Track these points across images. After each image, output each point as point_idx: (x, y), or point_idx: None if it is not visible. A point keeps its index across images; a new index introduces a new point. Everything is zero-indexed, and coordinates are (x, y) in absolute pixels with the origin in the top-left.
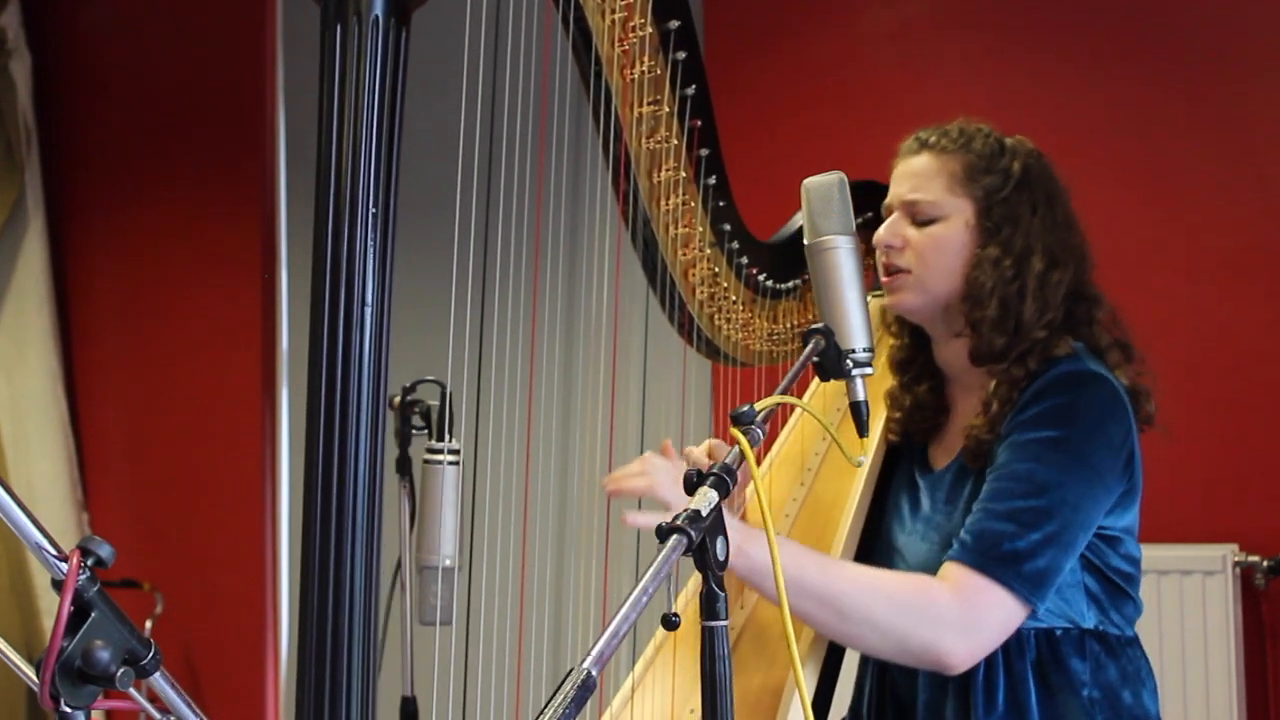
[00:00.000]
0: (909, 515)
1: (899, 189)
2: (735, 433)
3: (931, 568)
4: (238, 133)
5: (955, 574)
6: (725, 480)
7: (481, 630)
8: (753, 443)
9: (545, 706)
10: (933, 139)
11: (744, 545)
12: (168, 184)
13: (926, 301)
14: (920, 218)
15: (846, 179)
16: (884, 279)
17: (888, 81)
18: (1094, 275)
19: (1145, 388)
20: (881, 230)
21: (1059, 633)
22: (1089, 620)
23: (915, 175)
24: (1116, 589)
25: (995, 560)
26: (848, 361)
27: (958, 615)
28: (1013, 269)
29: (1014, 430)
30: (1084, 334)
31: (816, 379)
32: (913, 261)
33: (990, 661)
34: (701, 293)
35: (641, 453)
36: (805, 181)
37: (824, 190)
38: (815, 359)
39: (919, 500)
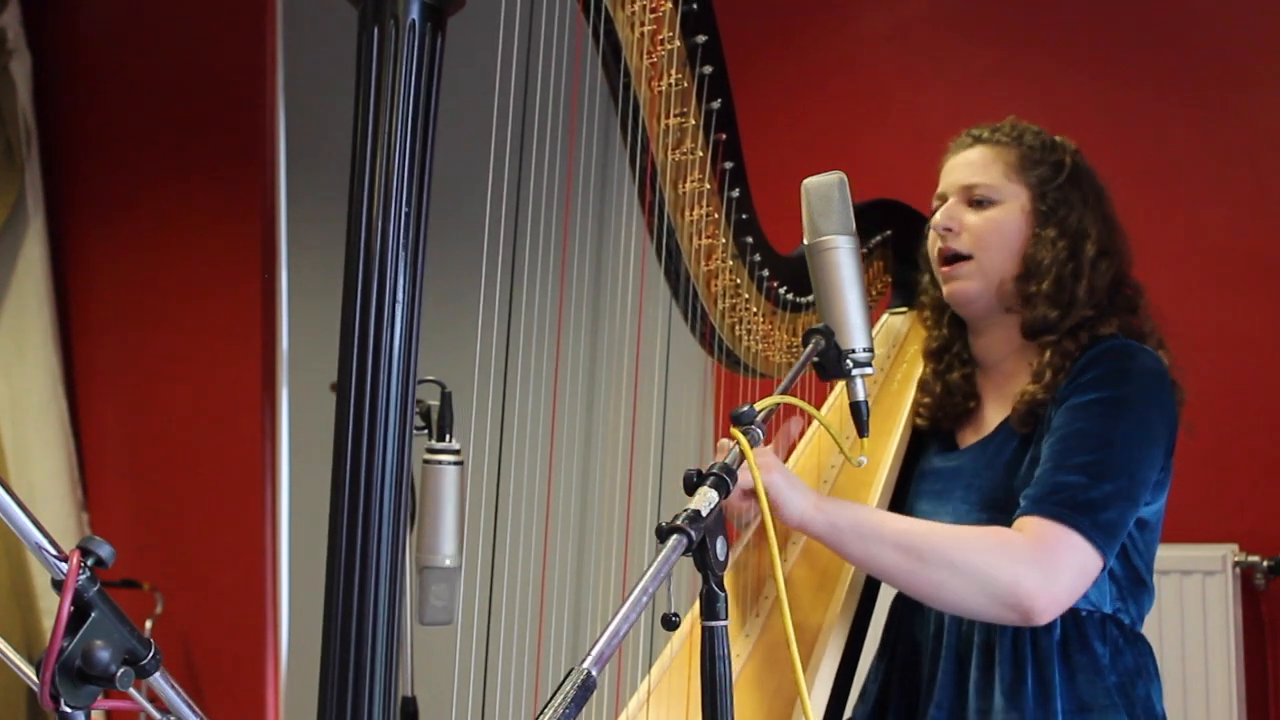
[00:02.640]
0: (943, 486)
1: (955, 176)
2: (735, 432)
3: (969, 524)
4: (238, 132)
5: (1031, 525)
6: (725, 480)
7: (489, 631)
8: (753, 443)
9: (545, 706)
10: (985, 134)
11: (820, 503)
12: (168, 184)
13: (985, 288)
14: (978, 199)
15: (846, 179)
16: (942, 268)
17: (890, 90)
18: (1133, 271)
19: (1176, 380)
20: (938, 215)
21: (1084, 614)
22: (1109, 605)
23: (971, 164)
24: (1137, 578)
25: (1071, 508)
26: (848, 361)
27: (1036, 557)
28: (1068, 250)
29: (1070, 394)
30: (1126, 321)
31: (835, 389)
32: (971, 245)
33: (1018, 639)
34: (723, 303)
35: (661, 458)
36: (805, 181)
37: (824, 190)
38: (815, 359)
39: (952, 471)
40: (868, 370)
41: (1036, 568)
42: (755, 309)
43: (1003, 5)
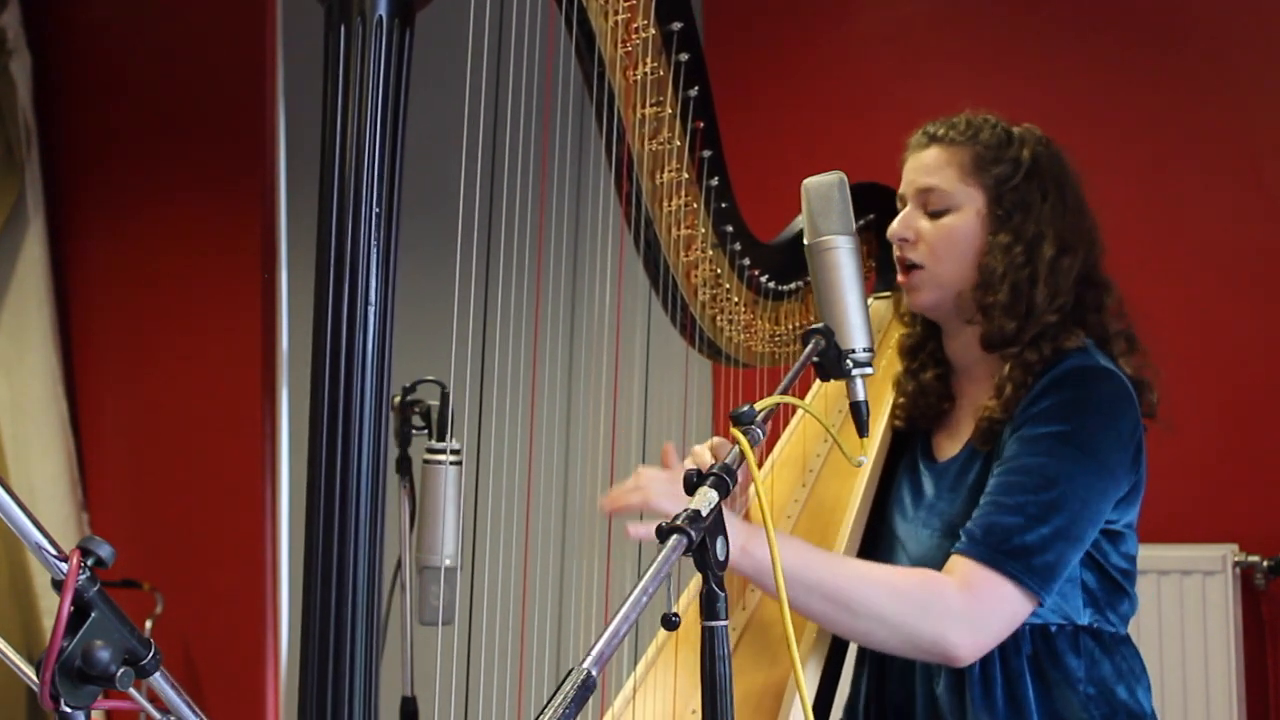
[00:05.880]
0: (911, 504)
1: (911, 180)
2: (735, 432)
3: (934, 555)
4: (238, 133)
5: (963, 568)
6: (725, 480)
7: (484, 630)
8: (753, 443)
9: (545, 706)
10: (940, 131)
11: (748, 545)
12: (168, 184)
13: (942, 296)
14: (933, 208)
15: (846, 179)
16: (900, 277)
17: (887, 82)
18: (1104, 261)
19: (1147, 380)
20: (895, 224)
21: (1054, 629)
22: (1084, 618)
23: (926, 167)
24: (1115, 586)
25: (1005, 554)
26: (848, 361)
27: (965, 609)
28: (1024, 255)
29: (1023, 424)
30: (1092, 321)
31: (817, 380)
32: (925, 255)
33: (987, 657)
34: (704, 294)
35: (644, 453)
36: (805, 181)
37: (824, 190)
38: (815, 359)
39: (922, 488)
40: (867, 370)
41: (964, 621)
42: (736, 299)
43: (1004, 4)
